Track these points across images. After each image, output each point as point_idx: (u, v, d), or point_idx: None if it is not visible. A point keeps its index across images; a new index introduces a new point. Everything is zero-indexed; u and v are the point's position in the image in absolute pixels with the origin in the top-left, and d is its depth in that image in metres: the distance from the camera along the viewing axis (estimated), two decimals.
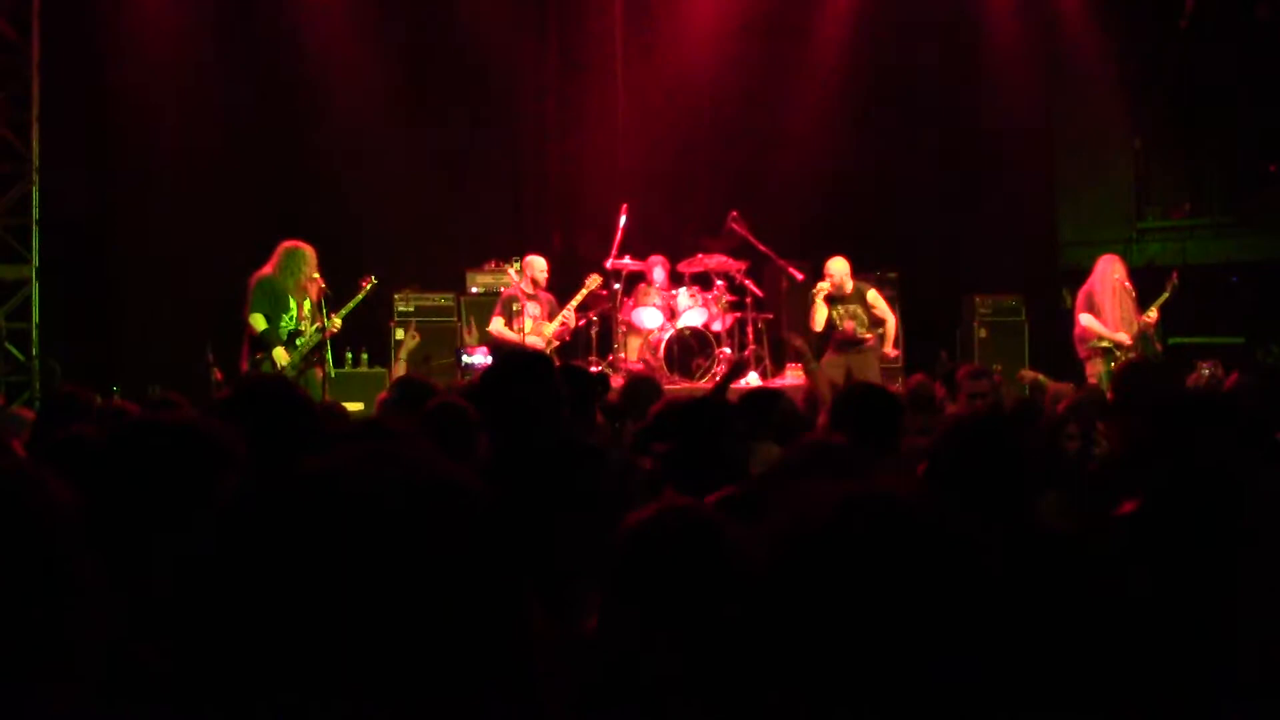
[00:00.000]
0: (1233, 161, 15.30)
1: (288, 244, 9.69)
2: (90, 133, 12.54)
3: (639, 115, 13.86)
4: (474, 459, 4.05)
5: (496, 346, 9.25)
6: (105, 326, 12.42)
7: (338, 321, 9.73)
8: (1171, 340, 11.81)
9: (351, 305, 9.91)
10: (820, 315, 11.19)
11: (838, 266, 11.30)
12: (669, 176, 13.63)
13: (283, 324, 9.55)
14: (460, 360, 8.99)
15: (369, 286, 10.02)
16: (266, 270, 9.62)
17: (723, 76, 14.02)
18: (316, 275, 9.60)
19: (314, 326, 9.61)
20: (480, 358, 8.99)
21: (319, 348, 9.68)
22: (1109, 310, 10.96)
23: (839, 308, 11.23)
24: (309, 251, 9.64)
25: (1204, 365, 10.59)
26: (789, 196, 13.76)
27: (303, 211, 12.06)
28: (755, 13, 14.18)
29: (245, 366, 9.61)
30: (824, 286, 11.22)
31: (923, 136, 14.42)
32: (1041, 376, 11.03)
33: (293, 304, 9.56)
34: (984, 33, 14.71)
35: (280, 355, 9.44)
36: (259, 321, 9.45)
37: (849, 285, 11.29)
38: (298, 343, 9.56)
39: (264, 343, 9.46)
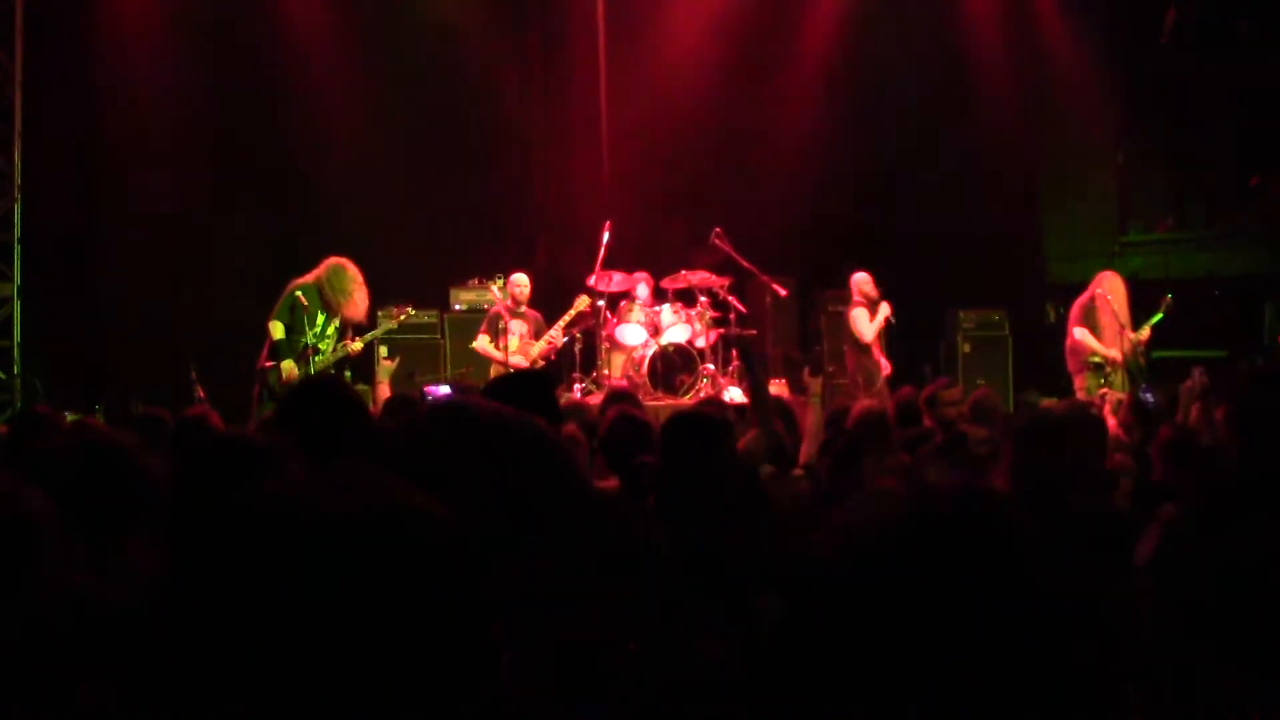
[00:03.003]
0: (1215, 175, 15.37)
1: (333, 260, 9.63)
2: (73, 150, 12.53)
3: (622, 132, 13.87)
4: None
5: (460, 385, 9.27)
6: (88, 344, 12.39)
7: (359, 345, 9.75)
8: (1155, 354, 11.82)
9: (379, 331, 9.96)
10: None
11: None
12: (652, 193, 13.64)
13: (304, 338, 9.48)
14: (424, 396, 8.98)
15: (404, 317, 10.02)
16: (306, 279, 9.56)
17: (706, 93, 14.03)
18: (357, 293, 9.56)
19: (334, 346, 9.59)
20: (444, 390, 8.99)
21: (337, 366, 9.67)
22: (1104, 326, 11.00)
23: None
24: (352, 272, 9.58)
25: (1196, 371, 10.61)
26: (772, 212, 13.78)
27: (286, 229, 12.08)
28: (739, 30, 14.21)
29: (263, 365, 9.53)
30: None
31: (906, 151, 14.46)
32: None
33: (320, 319, 9.48)
34: (968, 47, 14.76)
35: (289, 367, 9.39)
36: (276, 329, 9.41)
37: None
38: (314, 359, 9.50)
39: (275, 352, 9.43)
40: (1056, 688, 1.30)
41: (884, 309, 11.79)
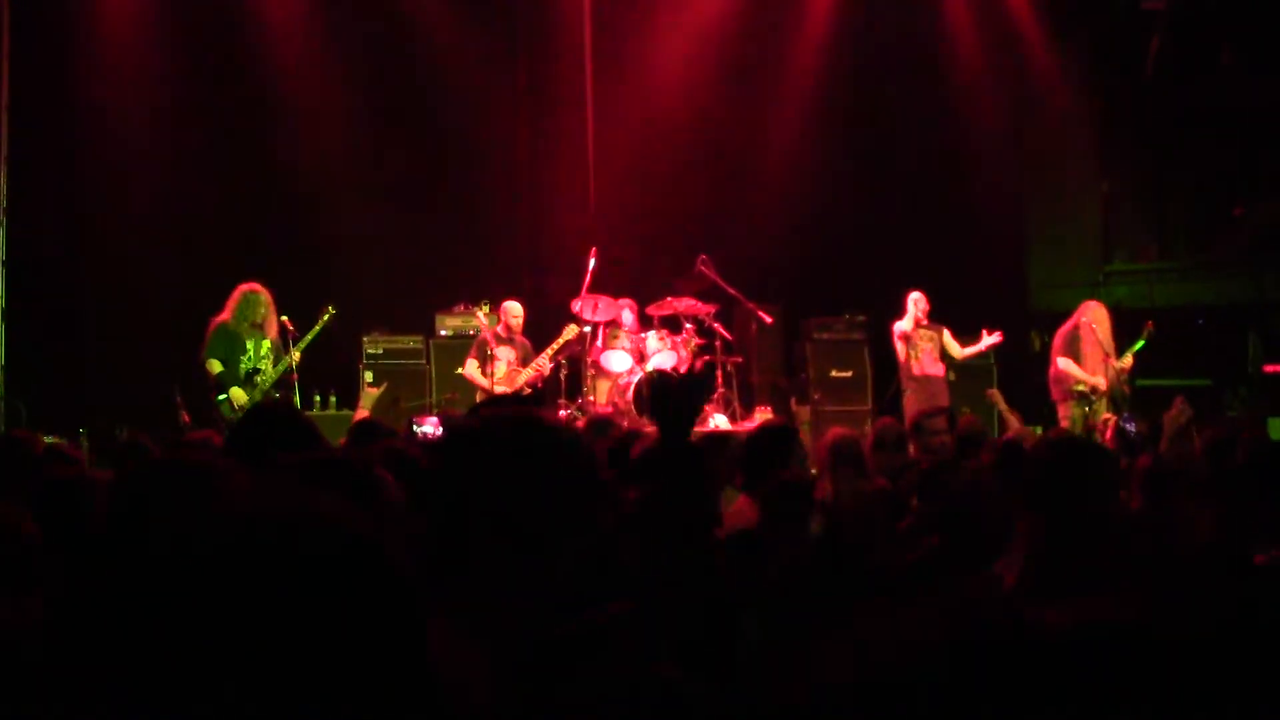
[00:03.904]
0: (1199, 205, 15.43)
1: (242, 287, 10.08)
2: (59, 174, 12.51)
3: (609, 158, 13.91)
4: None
5: (447, 417, 9.41)
6: (72, 368, 12.34)
7: (296, 355, 10.11)
8: (1139, 383, 11.86)
9: (310, 337, 10.27)
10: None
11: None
12: (638, 219, 13.67)
13: (242, 364, 9.93)
14: (411, 428, 9.16)
15: (326, 317, 10.28)
16: (223, 315, 10.00)
17: (692, 120, 14.09)
18: (272, 315, 10.02)
19: (273, 363, 10.01)
20: (430, 428, 9.08)
21: (280, 384, 10.05)
22: (1088, 355, 11.04)
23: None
24: (263, 293, 10.04)
25: (1179, 400, 10.69)
26: (758, 240, 13.82)
27: (272, 254, 12.06)
28: (725, 59, 14.28)
29: (213, 399, 9.94)
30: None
31: (892, 180, 14.53)
32: (1002, 404, 11.21)
33: (250, 344, 9.95)
34: (954, 78, 14.84)
35: (238, 394, 9.83)
36: (214, 365, 9.90)
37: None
38: (257, 380, 9.92)
39: (220, 384, 9.86)
40: None
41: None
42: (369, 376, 12.19)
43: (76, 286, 12.56)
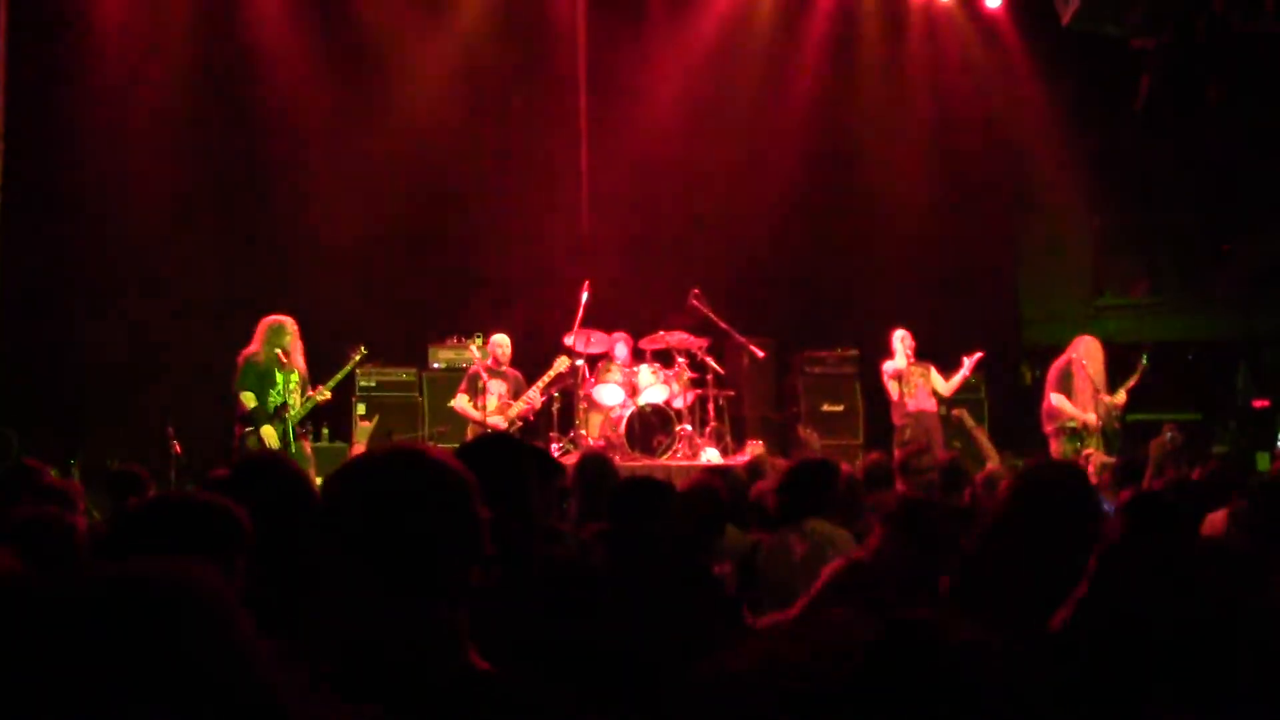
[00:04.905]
0: (1188, 241, 15.51)
1: (269, 319, 9.98)
2: (52, 204, 12.53)
3: (602, 192, 13.96)
4: None
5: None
6: (64, 398, 12.33)
7: (328, 392, 10.08)
8: (1130, 417, 11.90)
9: (341, 375, 10.30)
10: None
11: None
12: (631, 253, 13.71)
13: (271, 398, 9.82)
14: None
15: (358, 356, 10.35)
16: (252, 348, 9.89)
17: (685, 155, 14.14)
18: (297, 345, 9.96)
19: (304, 398, 9.94)
20: None
21: (308, 419, 10.07)
22: (1079, 390, 11.07)
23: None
24: (288, 323, 9.94)
25: (1168, 429, 10.74)
26: (750, 274, 13.86)
27: (265, 287, 12.08)
28: (718, 92, 14.37)
29: (240, 432, 9.86)
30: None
31: (885, 216, 14.59)
32: (969, 420, 11.26)
33: (279, 378, 9.84)
34: (945, 115, 14.93)
35: (269, 434, 9.70)
36: (249, 399, 9.76)
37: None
38: (286, 415, 9.82)
39: (252, 419, 9.73)
40: None
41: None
42: (361, 409, 12.20)
43: (69, 316, 12.55)
